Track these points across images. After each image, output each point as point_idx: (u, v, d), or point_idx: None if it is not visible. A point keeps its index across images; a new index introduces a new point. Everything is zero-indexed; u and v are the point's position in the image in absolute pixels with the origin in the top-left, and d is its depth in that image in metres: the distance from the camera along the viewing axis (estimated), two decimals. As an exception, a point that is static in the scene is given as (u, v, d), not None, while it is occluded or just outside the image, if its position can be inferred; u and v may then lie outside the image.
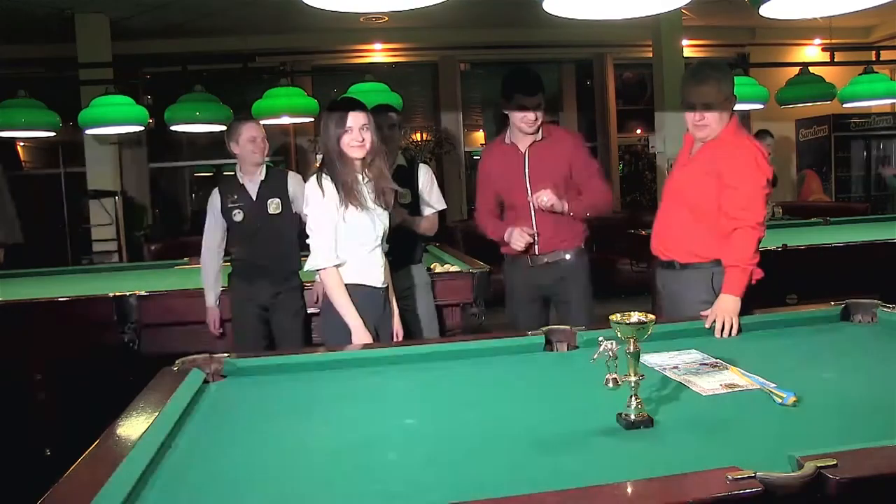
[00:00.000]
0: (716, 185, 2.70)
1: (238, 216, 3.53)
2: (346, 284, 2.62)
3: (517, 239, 3.20)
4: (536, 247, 3.27)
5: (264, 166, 3.61)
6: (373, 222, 2.67)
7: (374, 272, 2.70)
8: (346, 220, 2.61)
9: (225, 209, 3.56)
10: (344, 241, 2.62)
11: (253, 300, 3.52)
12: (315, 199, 2.61)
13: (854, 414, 1.59)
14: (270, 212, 3.57)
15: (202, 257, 3.62)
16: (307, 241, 2.66)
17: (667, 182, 3.03)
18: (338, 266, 2.61)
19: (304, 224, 2.74)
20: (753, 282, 2.60)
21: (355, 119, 2.64)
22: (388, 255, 2.83)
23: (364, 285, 2.66)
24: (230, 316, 3.55)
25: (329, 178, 2.62)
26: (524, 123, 3.23)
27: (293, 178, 3.62)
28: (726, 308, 2.44)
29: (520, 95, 3.21)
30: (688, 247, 2.78)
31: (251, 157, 3.52)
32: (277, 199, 3.56)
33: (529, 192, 3.24)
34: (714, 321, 2.41)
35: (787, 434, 1.46)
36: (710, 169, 2.72)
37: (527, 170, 3.27)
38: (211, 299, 3.58)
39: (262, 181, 3.57)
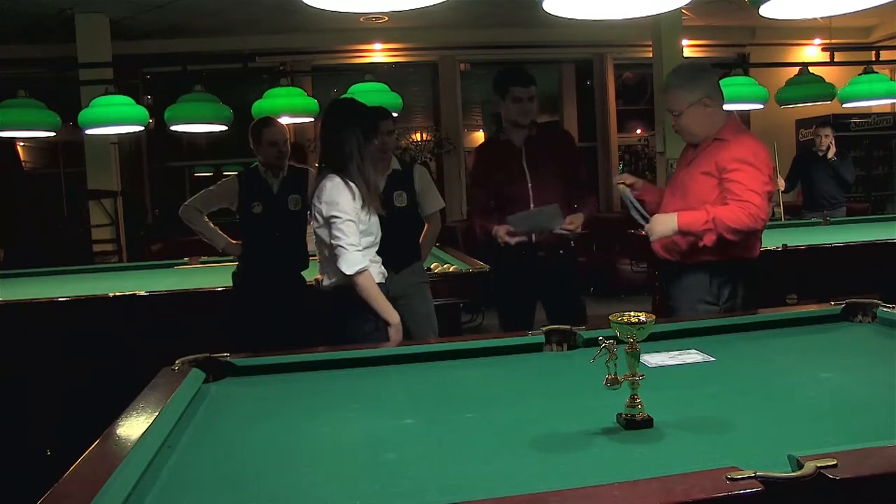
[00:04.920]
0: (715, 184, 2.70)
1: (257, 208, 3.60)
2: None
3: (503, 234, 3.30)
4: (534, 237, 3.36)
5: (286, 164, 3.69)
6: (378, 222, 2.78)
7: (381, 269, 2.81)
8: (366, 222, 2.71)
9: (244, 200, 3.61)
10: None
11: (263, 297, 3.54)
12: (345, 200, 2.64)
13: (854, 414, 1.59)
14: (290, 208, 3.62)
15: (186, 213, 3.68)
16: (334, 241, 2.65)
17: (669, 182, 3.04)
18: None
19: (311, 221, 2.79)
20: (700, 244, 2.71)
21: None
22: (388, 255, 2.87)
23: (379, 283, 2.75)
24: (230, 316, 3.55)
25: (351, 179, 2.67)
26: (519, 115, 3.36)
27: (312, 176, 3.68)
28: (662, 224, 2.67)
29: (514, 87, 3.35)
30: (686, 247, 2.78)
31: (272, 161, 3.61)
32: (297, 196, 3.62)
33: (529, 183, 3.36)
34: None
35: (787, 434, 1.46)
36: (709, 167, 2.73)
37: (524, 163, 3.40)
38: (221, 242, 3.70)
39: (283, 177, 3.63)
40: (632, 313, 1.57)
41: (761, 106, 6.20)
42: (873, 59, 6.47)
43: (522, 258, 3.38)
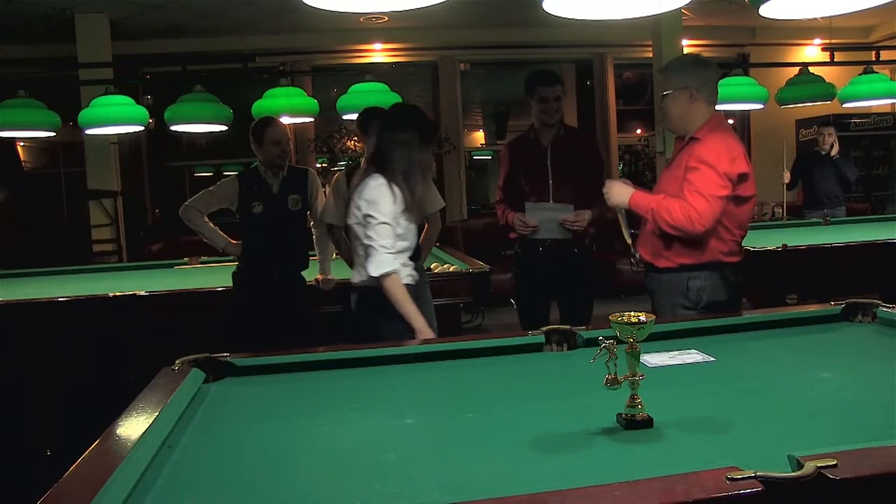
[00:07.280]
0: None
1: (257, 208, 3.60)
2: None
3: (518, 224, 3.55)
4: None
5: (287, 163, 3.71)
6: (416, 230, 2.84)
7: (411, 272, 2.82)
8: (403, 227, 2.74)
9: (244, 201, 3.62)
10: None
11: (263, 297, 3.54)
12: (385, 202, 2.67)
13: (854, 414, 1.59)
14: (290, 208, 3.62)
15: (186, 214, 3.66)
16: (366, 241, 2.67)
17: (657, 181, 3.07)
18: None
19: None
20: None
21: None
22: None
23: (409, 285, 2.77)
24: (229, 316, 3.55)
25: (397, 184, 2.70)
26: (545, 114, 3.56)
27: (312, 176, 3.72)
28: (619, 194, 2.75)
29: (541, 87, 3.56)
30: (663, 250, 2.76)
31: (275, 160, 3.61)
32: (297, 196, 3.64)
33: (551, 181, 3.55)
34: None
35: (787, 434, 1.46)
36: (680, 166, 2.72)
37: (549, 161, 3.58)
38: (221, 242, 3.69)
39: (283, 177, 3.64)
40: (632, 313, 1.57)
41: (761, 106, 6.19)
42: (873, 59, 6.47)
43: (539, 255, 3.57)
